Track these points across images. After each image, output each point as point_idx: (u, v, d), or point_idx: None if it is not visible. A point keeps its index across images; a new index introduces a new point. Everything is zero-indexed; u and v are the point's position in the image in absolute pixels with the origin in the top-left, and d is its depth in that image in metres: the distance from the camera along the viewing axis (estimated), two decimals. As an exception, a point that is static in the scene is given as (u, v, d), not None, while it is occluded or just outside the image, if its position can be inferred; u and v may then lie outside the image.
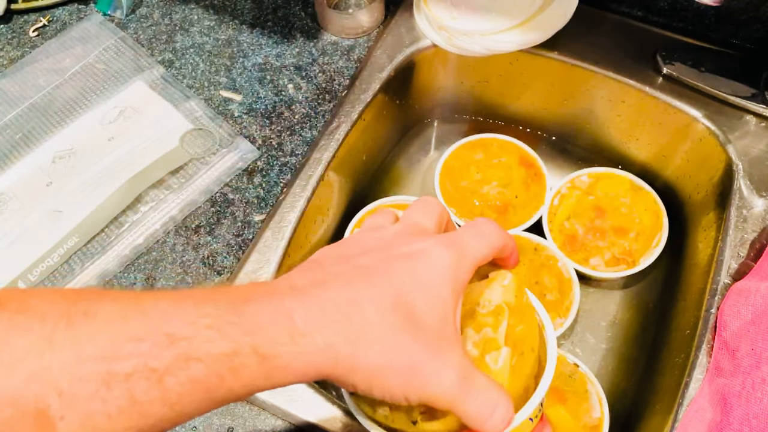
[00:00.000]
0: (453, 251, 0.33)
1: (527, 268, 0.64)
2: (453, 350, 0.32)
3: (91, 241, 0.57)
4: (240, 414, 0.50)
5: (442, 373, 0.31)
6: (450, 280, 0.32)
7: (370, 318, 0.30)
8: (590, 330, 0.66)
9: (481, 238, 0.35)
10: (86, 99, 0.65)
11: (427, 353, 0.31)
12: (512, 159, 0.71)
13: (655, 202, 0.67)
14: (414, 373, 0.30)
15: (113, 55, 0.68)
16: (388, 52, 0.68)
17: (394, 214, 0.39)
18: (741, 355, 0.47)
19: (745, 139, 0.60)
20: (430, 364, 0.31)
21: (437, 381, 0.31)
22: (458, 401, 0.31)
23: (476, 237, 0.35)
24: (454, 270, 0.33)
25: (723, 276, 0.54)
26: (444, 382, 0.31)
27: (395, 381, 0.30)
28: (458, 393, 0.31)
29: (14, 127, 0.63)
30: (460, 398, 0.31)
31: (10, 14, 0.72)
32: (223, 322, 0.28)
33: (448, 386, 0.31)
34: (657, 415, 0.54)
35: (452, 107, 0.79)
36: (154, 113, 0.63)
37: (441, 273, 0.32)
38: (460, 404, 0.31)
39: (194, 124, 0.63)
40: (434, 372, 0.31)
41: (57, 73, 0.66)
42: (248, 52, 0.68)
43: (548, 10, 0.65)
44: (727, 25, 0.65)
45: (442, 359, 0.31)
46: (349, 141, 0.64)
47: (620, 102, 0.68)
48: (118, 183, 0.59)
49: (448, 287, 0.32)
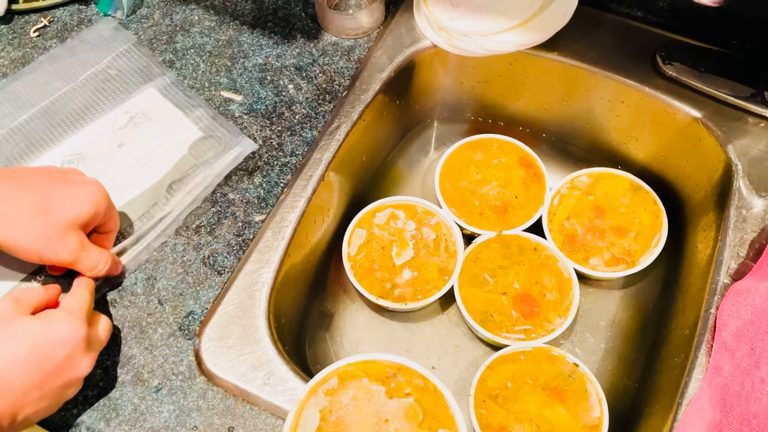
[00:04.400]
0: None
1: (527, 267, 0.64)
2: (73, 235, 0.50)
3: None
4: (240, 414, 0.50)
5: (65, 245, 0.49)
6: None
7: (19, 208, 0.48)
8: (590, 330, 0.66)
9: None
10: (97, 104, 0.64)
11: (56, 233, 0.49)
12: (512, 159, 0.71)
13: (654, 202, 0.67)
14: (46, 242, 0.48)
15: (126, 61, 0.67)
16: (388, 53, 0.68)
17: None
18: (740, 355, 0.48)
19: (745, 139, 0.60)
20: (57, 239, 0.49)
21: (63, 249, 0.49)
22: (78, 260, 0.50)
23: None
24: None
25: (722, 276, 0.54)
26: (66, 249, 0.49)
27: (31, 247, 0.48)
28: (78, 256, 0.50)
29: (24, 131, 0.63)
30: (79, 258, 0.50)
31: (11, 15, 0.72)
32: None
33: (70, 252, 0.49)
34: (656, 414, 0.54)
35: (452, 107, 0.79)
36: (165, 121, 0.63)
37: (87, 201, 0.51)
38: (79, 262, 0.50)
39: (203, 131, 0.62)
40: (59, 244, 0.49)
41: (69, 78, 0.66)
42: (249, 53, 0.68)
43: (548, 11, 0.65)
44: (727, 26, 0.65)
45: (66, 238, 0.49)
46: (350, 141, 0.64)
47: (620, 102, 0.68)
48: (129, 195, 0.59)
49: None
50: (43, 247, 0.48)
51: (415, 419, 0.48)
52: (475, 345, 0.66)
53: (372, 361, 0.50)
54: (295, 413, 0.47)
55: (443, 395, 0.49)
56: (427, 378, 0.49)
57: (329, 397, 0.48)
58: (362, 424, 0.46)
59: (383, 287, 0.63)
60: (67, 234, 0.49)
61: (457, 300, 0.63)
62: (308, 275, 0.65)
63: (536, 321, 0.61)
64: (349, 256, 0.65)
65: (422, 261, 0.65)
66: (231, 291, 0.55)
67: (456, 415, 0.48)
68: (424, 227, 0.67)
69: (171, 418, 0.50)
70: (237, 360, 0.51)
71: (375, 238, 0.66)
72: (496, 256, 0.65)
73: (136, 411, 0.50)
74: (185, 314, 0.54)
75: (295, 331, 0.63)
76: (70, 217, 0.49)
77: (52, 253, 0.49)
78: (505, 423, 0.56)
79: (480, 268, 0.64)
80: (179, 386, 0.51)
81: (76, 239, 0.50)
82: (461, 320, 0.66)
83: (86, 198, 0.51)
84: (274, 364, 0.51)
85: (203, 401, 0.50)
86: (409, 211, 0.68)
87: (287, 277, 0.58)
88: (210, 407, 0.50)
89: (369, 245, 0.66)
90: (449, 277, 0.64)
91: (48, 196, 0.49)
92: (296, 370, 0.51)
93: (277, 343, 0.53)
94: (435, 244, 0.66)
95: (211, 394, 0.51)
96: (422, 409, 0.48)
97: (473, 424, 0.55)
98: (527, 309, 0.62)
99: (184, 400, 0.50)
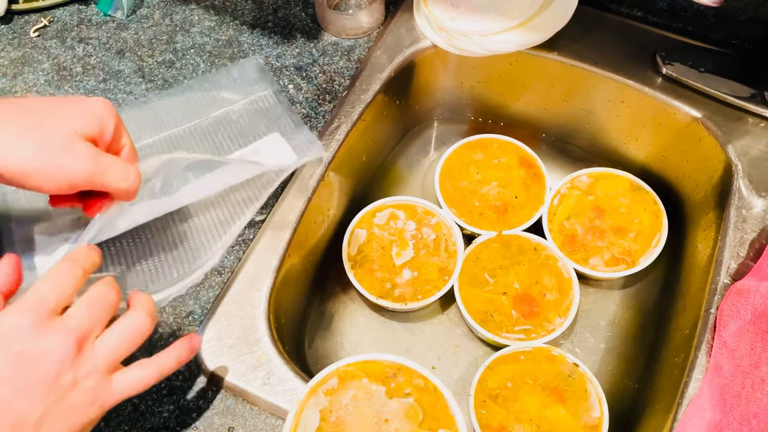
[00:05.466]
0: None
1: (527, 267, 0.64)
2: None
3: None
4: (240, 414, 0.50)
5: (74, 154, 0.41)
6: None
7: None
8: (590, 330, 0.66)
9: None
10: (222, 146, 0.58)
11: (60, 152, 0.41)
12: (512, 159, 0.71)
13: (654, 202, 0.67)
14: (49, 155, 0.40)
15: (261, 106, 0.61)
16: (388, 53, 0.68)
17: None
18: (740, 355, 0.48)
19: (745, 139, 0.60)
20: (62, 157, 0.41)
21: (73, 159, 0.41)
22: (101, 171, 0.42)
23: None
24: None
25: (722, 276, 0.54)
26: (78, 159, 0.41)
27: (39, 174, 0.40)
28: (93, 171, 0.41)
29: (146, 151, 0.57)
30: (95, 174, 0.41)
31: (11, 15, 0.72)
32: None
33: (84, 160, 0.41)
34: (656, 414, 0.54)
35: (452, 107, 0.79)
36: (277, 153, 0.57)
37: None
38: (103, 174, 0.42)
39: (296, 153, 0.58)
40: (66, 154, 0.40)
41: (212, 106, 0.61)
42: (249, 53, 0.68)
43: (548, 11, 0.65)
44: (727, 26, 0.65)
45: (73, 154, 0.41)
46: (350, 141, 0.64)
47: (620, 102, 0.68)
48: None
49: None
50: (48, 163, 0.40)
51: (415, 419, 0.48)
52: (475, 345, 0.66)
53: (372, 361, 0.50)
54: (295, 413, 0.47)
55: (443, 395, 0.49)
56: (427, 378, 0.50)
57: (329, 397, 0.48)
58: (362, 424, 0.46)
59: (383, 287, 0.63)
60: (73, 143, 0.41)
61: (457, 300, 0.63)
62: (308, 275, 0.65)
63: (536, 321, 0.61)
64: (349, 256, 0.65)
65: (422, 261, 0.65)
66: (231, 291, 0.54)
67: (456, 415, 0.48)
68: (424, 227, 0.67)
69: (171, 418, 0.49)
70: (237, 360, 0.51)
71: (375, 238, 0.66)
72: (496, 256, 0.65)
73: (136, 411, 0.50)
74: (185, 314, 0.54)
75: (295, 331, 0.63)
76: (72, 128, 0.41)
77: (60, 169, 0.40)
78: (505, 423, 0.56)
79: (480, 268, 0.64)
80: (179, 386, 0.51)
81: (86, 146, 0.41)
82: (461, 320, 0.66)
83: (88, 111, 0.42)
84: (274, 364, 0.51)
85: (203, 401, 0.50)
86: (409, 211, 0.68)
87: (287, 277, 0.58)
88: (210, 407, 0.50)
89: (369, 245, 0.66)
90: (449, 277, 0.64)
91: (43, 111, 0.41)
92: (296, 370, 0.51)
93: (277, 343, 0.53)
94: (435, 244, 0.66)
95: (211, 394, 0.51)
96: (422, 409, 0.48)
97: (473, 424, 0.55)
98: (527, 309, 0.62)
99: (184, 400, 0.50)
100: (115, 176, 0.42)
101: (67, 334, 0.37)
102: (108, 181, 0.42)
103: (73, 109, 0.42)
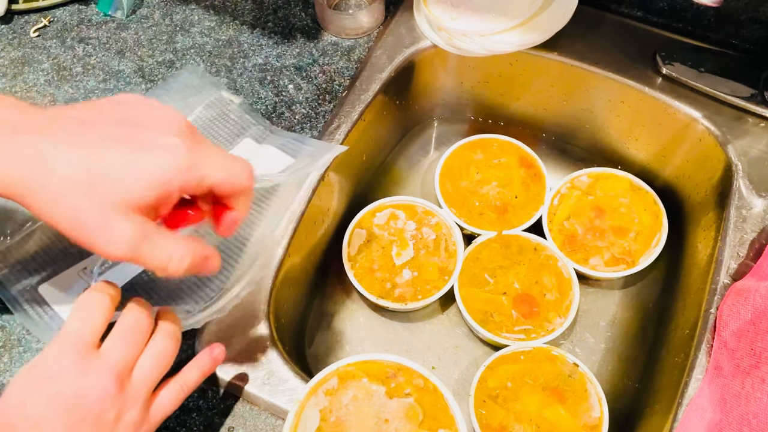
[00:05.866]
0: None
1: (527, 267, 0.64)
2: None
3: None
4: (240, 414, 0.50)
5: (110, 236, 0.36)
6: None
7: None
8: (590, 330, 0.66)
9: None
10: None
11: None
12: (512, 159, 0.71)
13: (654, 202, 0.67)
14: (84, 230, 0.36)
15: (218, 111, 0.62)
16: (388, 53, 0.68)
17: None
18: (740, 355, 0.48)
19: (745, 139, 0.60)
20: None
21: (108, 242, 0.36)
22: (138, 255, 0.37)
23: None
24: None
25: (722, 276, 0.54)
26: (113, 242, 0.36)
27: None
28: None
29: None
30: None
31: (11, 15, 0.72)
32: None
33: (119, 245, 0.36)
34: (656, 414, 0.54)
35: (452, 107, 0.79)
36: (264, 160, 0.58)
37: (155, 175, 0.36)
38: (139, 258, 0.37)
39: (295, 156, 0.59)
40: (102, 235, 0.36)
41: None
42: (249, 53, 0.68)
43: (548, 11, 0.65)
44: (727, 26, 0.65)
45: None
46: (350, 141, 0.64)
47: (620, 102, 0.68)
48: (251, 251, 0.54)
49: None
50: (84, 235, 0.36)
51: (415, 419, 0.48)
52: (475, 345, 0.66)
53: (372, 361, 0.50)
54: (295, 413, 0.47)
55: (443, 395, 0.49)
56: (427, 378, 0.50)
57: (329, 397, 0.48)
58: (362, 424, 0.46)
59: (383, 287, 0.63)
60: (115, 221, 0.35)
61: (457, 300, 0.63)
62: (308, 275, 0.65)
63: (536, 321, 0.61)
64: (349, 256, 0.65)
65: (422, 261, 0.65)
66: (231, 291, 0.54)
67: (456, 415, 0.48)
68: (424, 227, 0.67)
69: (171, 418, 0.49)
70: (237, 360, 0.51)
71: (375, 238, 0.66)
72: (496, 256, 0.65)
73: (136, 411, 0.50)
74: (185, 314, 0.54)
75: (295, 331, 0.63)
76: (120, 197, 0.35)
77: (94, 245, 0.36)
78: (505, 423, 0.56)
79: (480, 268, 0.64)
80: (179, 386, 0.51)
81: (129, 228, 0.35)
82: (461, 320, 0.66)
83: (150, 170, 0.35)
84: (274, 364, 0.51)
85: (203, 401, 0.50)
86: (409, 211, 0.68)
87: (287, 277, 0.58)
88: (210, 407, 0.50)
89: (369, 245, 0.66)
90: (449, 277, 0.64)
91: (97, 161, 0.35)
92: (296, 370, 0.51)
93: (277, 343, 0.53)
94: (435, 244, 0.66)
95: (211, 394, 0.51)
96: (422, 409, 0.48)
97: (473, 424, 0.55)
98: (527, 309, 0.62)
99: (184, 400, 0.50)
100: (151, 261, 0.37)
101: (107, 372, 0.38)
102: (144, 264, 0.37)
103: (129, 166, 0.35)
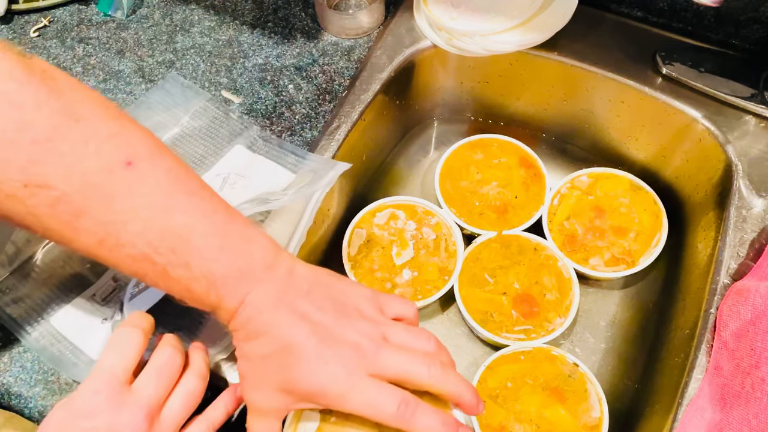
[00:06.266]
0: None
1: (527, 267, 0.64)
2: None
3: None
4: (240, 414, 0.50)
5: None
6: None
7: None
8: (590, 330, 0.66)
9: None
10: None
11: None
12: (512, 159, 0.71)
13: (654, 202, 0.67)
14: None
15: (205, 120, 0.62)
16: (388, 53, 0.68)
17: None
18: (740, 355, 0.47)
19: (745, 139, 0.60)
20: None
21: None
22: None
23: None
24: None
25: (722, 276, 0.54)
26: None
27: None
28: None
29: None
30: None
31: (11, 15, 0.72)
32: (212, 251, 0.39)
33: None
34: (656, 414, 0.54)
35: (452, 107, 0.79)
36: (261, 175, 0.58)
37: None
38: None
39: (296, 172, 0.59)
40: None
41: (157, 133, 0.58)
42: (249, 53, 0.68)
43: (548, 11, 0.65)
44: (727, 26, 0.65)
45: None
46: (350, 141, 0.64)
47: (620, 102, 0.68)
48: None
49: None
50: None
51: None
52: (475, 345, 0.66)
53: None
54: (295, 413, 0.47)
55: None
56: None
57: None
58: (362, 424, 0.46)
59: (383, 287, 0.63)
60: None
61: (457, 300, 0.63)
62: (308, 275, 0.65)
63: (536, 321, 0.61)
64: (349, 256, 0.65)
65: (422, 261, 0.65)
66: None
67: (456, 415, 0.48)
68: (424, 227, 0.67)
69: None
70: (237, 360, 0.51)
71: (375, 238, 0.66)
72: (496, 256, 0.65)
73: (136, 411, 0.50)
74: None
75: (295, 331, 0.63)
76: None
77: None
78: (505, 423, 0.56)
79: (480, 268, 0.64)
80: (179, 386, 0.51)
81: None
82: (461, 320, 0.66)
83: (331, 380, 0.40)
84: (274, 364, 0.51)
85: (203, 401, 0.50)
86: (409, 211, 0.68)
87: (287, 277, 0.58)
88: (210, 407, 0.50)
89: (369, 245, 0.66)
90: (449, 277, 0.64)
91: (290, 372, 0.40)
92: (296, 370, 0.51)
93: (277, 343, 0.52)
94: (435, 244, 0.66)
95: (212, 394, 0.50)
96: None
97: (473, 424, 0.55)
98: (527, 309, 0.62)
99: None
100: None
101: (139, 410, 0.39)
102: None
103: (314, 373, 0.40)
